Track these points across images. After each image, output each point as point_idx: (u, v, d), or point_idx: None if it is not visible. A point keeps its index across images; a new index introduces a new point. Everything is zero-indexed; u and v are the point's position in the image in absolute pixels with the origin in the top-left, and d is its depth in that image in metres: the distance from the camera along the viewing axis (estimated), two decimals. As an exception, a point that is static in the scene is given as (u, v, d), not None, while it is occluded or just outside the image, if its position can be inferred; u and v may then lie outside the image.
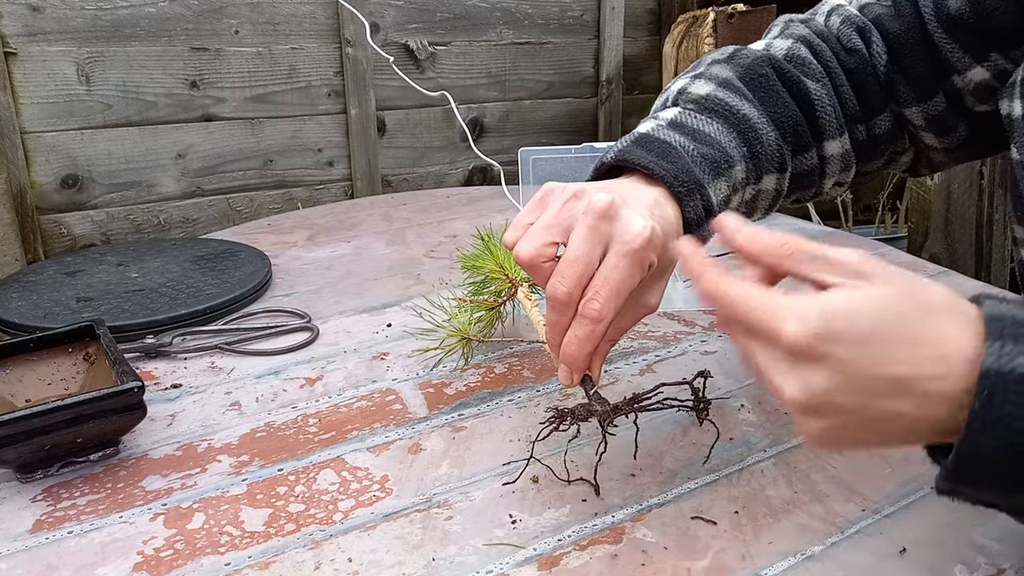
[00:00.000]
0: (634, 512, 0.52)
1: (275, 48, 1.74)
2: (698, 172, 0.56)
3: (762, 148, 0.61)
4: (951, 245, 1.77)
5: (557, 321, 0.50)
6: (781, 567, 0.47)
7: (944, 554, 0.46)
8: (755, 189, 0.62)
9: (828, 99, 0.64)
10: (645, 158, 0.55)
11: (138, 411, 0.59)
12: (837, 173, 0.67)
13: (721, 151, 0.58)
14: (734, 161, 0.59)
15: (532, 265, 0.51)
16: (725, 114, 0.60)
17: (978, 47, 0.63)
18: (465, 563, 0.48)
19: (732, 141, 0.59)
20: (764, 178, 0.62)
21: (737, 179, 0.59)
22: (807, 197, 0.69)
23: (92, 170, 1.62)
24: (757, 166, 0.61)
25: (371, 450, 0.60)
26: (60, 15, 1.53)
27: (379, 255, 1.05)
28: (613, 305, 0.49)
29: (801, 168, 0.65)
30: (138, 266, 0.96)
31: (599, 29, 2.12)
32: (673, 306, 0.85)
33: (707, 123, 0.60)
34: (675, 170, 0.55)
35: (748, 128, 0.60)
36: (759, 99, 0.62)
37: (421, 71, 1.92)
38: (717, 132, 0.59)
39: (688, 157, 0.56)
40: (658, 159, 0.55)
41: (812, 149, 0.64)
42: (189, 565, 0.49)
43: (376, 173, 1.91)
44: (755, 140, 0.60)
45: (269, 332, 0.81)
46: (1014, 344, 0.38)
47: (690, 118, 0.60)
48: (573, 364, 0.51)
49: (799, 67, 0.65)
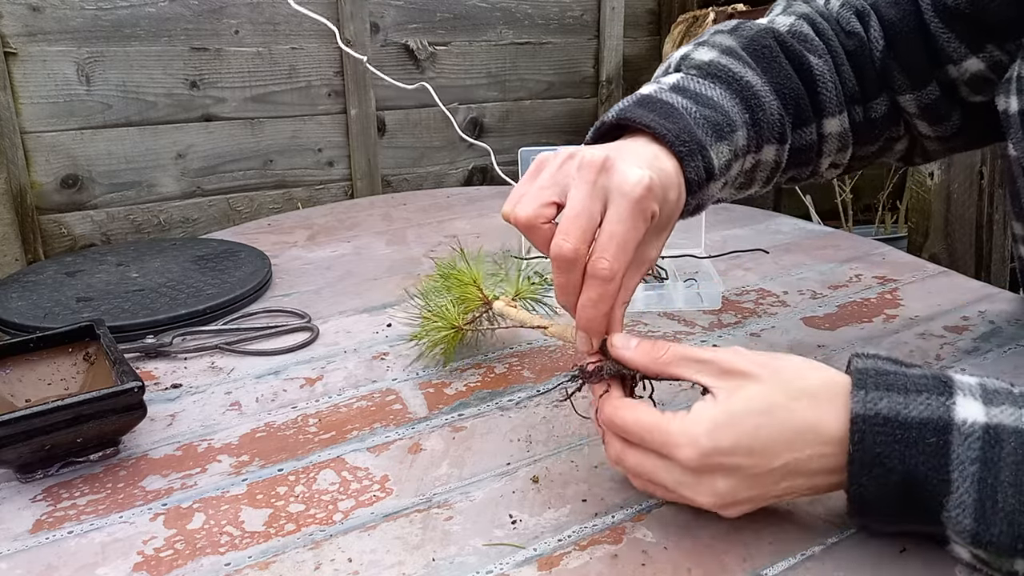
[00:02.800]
0: (634, 512, 0.52)
1: (275, 48, 1.74)
2: (700, 133, 0.55)
3: (764, 116, 0.60)
4: (951, 245, 1.77)
5: (567, 282, 0.49)
6: (781, 567, 0.47)
7: (944, 554, 0.46)
8: (755, 159, 0.61)
9: (830, 75, 0.64)
10: (646, 117, 0.54)
11: (138, 411, 0.59)
12: (834, 152, 0.66)
13: (724, 115, 0.57)
14: (736, 126, 0.57)
15: (530, 227, 0.50)
16: (728, 80, 0.60)
17: (974, 38, 0.63)
18: (465, 563, 0.48)
19: (735, 107, 0.58)
20: (764, 148, 0.61)
21: (739, 145, 0.58)
22: (803, 176, 0.68)
23: (92, 170, 1.62)
24: (758, 134, 0.60)
25: (371, 450, 0.60)
26: (60, 15, 1.53)
27: (379, 255, 1.05)
28: (623, 261, 0.48)
29: (800, 143, 0.64)
30: (138, 266, 0.96)
31: (599, 29, 2.12)
32: (673, 306, 0.85)
33: (710, 88, 0.58)
34: (677, 130, 0.53)
35: (751, 95, 0.59)
36: (762, 69, 0.62)
37: (421, 71, 1.92)
38: (720, 97, 0.58)
39: (691, 118, 0.55)
40: (660, 118, 0.54)
41: (812, 124, 0.64)
42: (189, 565, 0.49)
43: (376, 173, 1.91)
44: (757, 107, 0.59)
45: (269, 332, 0.81)
46: (876, 391, 0.44)
47: (693, 82, 0.59)
48: (591, 328, 0.50)
49: (802, 42, 0.64)
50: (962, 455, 0.42)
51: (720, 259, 0.98)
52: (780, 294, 0.88)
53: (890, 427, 0.43)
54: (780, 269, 0.96)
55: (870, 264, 0.97)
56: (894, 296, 0.87)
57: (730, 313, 0.83)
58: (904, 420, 0.43)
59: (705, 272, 0.90)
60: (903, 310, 0.83)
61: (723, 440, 0.45)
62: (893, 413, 0.44)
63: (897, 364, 0.47)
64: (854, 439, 0.44)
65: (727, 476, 0.45)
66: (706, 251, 0.98)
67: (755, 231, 1.12)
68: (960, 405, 0.43)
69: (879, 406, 0.44)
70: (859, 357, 0.48)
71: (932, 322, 0.80)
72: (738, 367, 0.47)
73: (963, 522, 0.42)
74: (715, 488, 0.46)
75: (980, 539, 0.42)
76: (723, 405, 0.46)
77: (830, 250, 1.03)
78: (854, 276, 0.93)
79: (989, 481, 0.42)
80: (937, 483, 0.43)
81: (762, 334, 0.78)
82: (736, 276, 0.94)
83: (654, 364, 0.49)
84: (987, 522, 0.42)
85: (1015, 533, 0.41)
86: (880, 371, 0.46)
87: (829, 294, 0.88)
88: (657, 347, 0.50)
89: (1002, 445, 0.42)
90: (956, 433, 0.43)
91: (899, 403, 0.44)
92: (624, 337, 0.51)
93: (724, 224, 1.15)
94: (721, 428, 0.45)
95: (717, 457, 0.45)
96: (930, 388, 0.44)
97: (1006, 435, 0.42)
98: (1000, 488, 0.41)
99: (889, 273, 0.94)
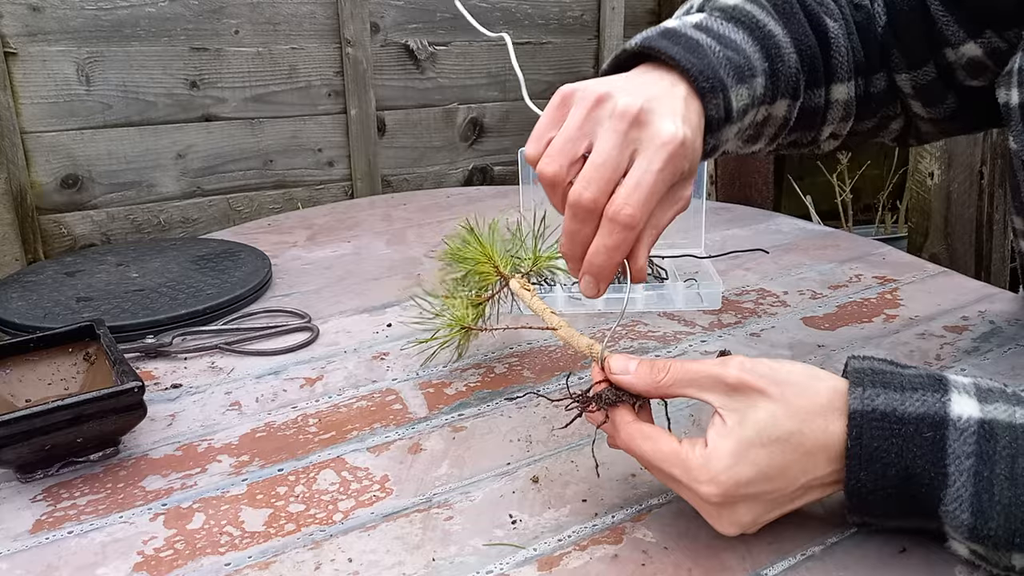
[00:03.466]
0: (634, 512, 0.52)
1: (275, 48, 1.74)
2: (723, 73, 0.53)
3: (783, 67, 0.59)
4: (951, 245, 1.77)
5: (579, 231, 0.48)
6: (781, 567, 0.47)
7: (944, 554, 0.46)
8: (767, 111, 0.60)
9: (843, 40, 0.63)
10: (671, 49, 0.52)
11: (138, 411, 0.59)
12: (837, 121, 0.66)
13: (746, 59, 0.56)
14: (756, 73, 0.56)
15: (554, 184, 0.48)
16: (751, 26, 0.58)
17: (974, 23, 0.63)
18: (465, 563, 0.48)
19: (756, 53, 0.57)
20: (778, 101, 0.60)
21: (757, 92, 0.57)
22: (804, 141, 0.67)
23: (92, 170, 1.62)
24: (775, 84, 0.59)
25: (371, 450, 0.60)
26: (60, 15, 1.53)
27: (379, 255, 1.05)
28: (647, 211, 0.47)
29: (809, 104, 0.63)
30: (138, 266, 0.96)
31: (599, 29, 2.12)
32: (673, 306, 0.85)
33: (733, 31, 0.57)
34: (701, 65, 0.52)
35: (772, 45, 0.58)
36: (783, 22, 0.61)
37: (421, 71, 1.92)
38: (743, 41, 0.57)
39: (714, 57, 0.54)
40: (685, 52, 0.52)
41: (822, 87, 0.63)
42: (189, 565, 0.49)
43: (376, 173, 1.91)
44: (777, 58, 0.58)
45: (269, 332, 0.81)
46: (873, 388, 0.45)
47: (716, 23, 0.57)
48: (600, 274, 0.49)
49: (819, 4, 0.63)
50: (958, 450, 0.43)
51: (720, 259, 0.98)
52: (780, 294, 0.88)
53: (887, 422, 0.44)
54: (780, 269, 0.96)
55: (870, 264, 0.97)
56: (894, 296, 0.87)
57: (730, 313, 0.83)
58: (901, 415, 0.44)
59: (705, 272, 0.90)
60: (903, 310, 0.83)
61: (743, 474, 0.44)
62: (890, 409, 0.44)
63: (893, 364, 0.47)
64: (852, 435, 0.44)
65: (749, 505, 0.46)
66: (706, 251, 0.98)
67: (755, 231, 1.12)
68: (955, 402, 0.44)
69: (876, 402, 0.44)
70: (855, 359, 0.48)
71: (932, 322, 0.80)
72: (744, 382, 0.45)
73: (960, 516, 0.43)
74: (737, 518, 0.46)
75: (977, 533, 0.43)
76: (737, 434, 0.45)
77: (830, 250, 1.03)
78: (854, 276, 0.93)
79: (985, 475, 0.42)
80: (934, 477, 0.43)
81: (762, 334, 0.78)
82: (736, 276, 0.94)
83: (655, 389, 0.48)
84: (984, 516, 0.42)
85: (1012, 527, 0.42)
86: (876, 370, 0.46)
87: (829, 294, 0.88)
88: (656, 369, 0.48)
89: (997, 439, 0.42)
90: (952, 428, 0.43)
91: (896, 399, 0.44)
92: (621, 360, 0.49)
93: (724, 224, 1.15)
94: (740, 463, 0.44)
95: (739, 490, 0.45)
96: (925, 386, 0.45)
97: (1000, 430, 0.43)
98: (996, 482, 0.42)
99: (889, 273, 0.94)
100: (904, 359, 0.71)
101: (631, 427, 0.48)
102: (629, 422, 0.48)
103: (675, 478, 0.46)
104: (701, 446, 0.46)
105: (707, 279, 0.87)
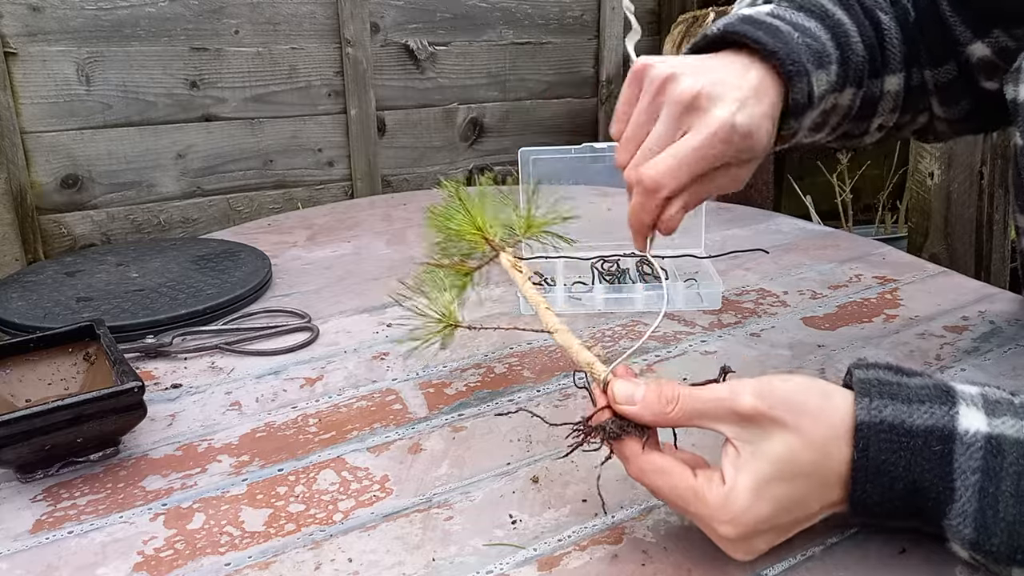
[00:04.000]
0: (635, 512, 0.52)
1: (275, 48, 1.74)
2: (804, 57, 0.54)
3: (853, 55, 0.60)
4: (951, 245, 1.77)
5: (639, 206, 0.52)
6: (781, 567, 0.47)
7: (944, 554, 0.46)
8: (835, 100, 0.61)
9: (896, 32, 0.64)
10: (755, 33, 0.53)
11: (138, 411, 0.59)
12: (887, 112, 0.66)
13: (822, 45, 0.57)
14: (832, 59, 0.57)
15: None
16: (821, 15, 0.59)
17: (981, 22, 0.63)
18: (465, 563, 0.48)
19: (829, 41, 0.58)
20: (846, 89, 0.61)
21: (832, 78, 0.58)
22: (855, 132, 0.68)
23: (92, 170, 1.62)
24: (845, 72, 0.60)
25: (371, 450, 0.60)
26: (60, 15, 1.53)
27: (379, 255, 1.05)
28: (674, 180, 0.49)
29: (869, 93, 0.64)
30: (138, 266, 0.96)
31: (599, 29, 2.13)
32: (673, 306, 0.85)
33: (806, 19, 0.58)
34: (787, 49, 0.53)
35: (842, 32, 0.59)
36: (846, 11, 0.62)
37: (421, 71, 1.92)
38: (816, 28, 0.58)
39: (794, 42, 0.55)
40: (768, 36, 0.54)
41: (880, 77, 0.64)
42: (189, 565, 0.49)
43: (376, 173, 1.91)
44: (847, 46, 0.59)
45: (269, 332, 0.81)
46: (880, 399, 0.44)
47: (788, 12, 0.59)
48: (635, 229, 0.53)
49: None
50: (964, 464, 0.42)
51: (720, 259, 0.98)
52: (780, 294, 0.88)
53: (895, 434, 0.43)
54: (780, 269, 0.96)
55: (870, 264, 0.97)
56: (894, 296, 0.87)
57: (730, 313, 0.83)
58: (909, 428, 0.43)
59: (705, 272, 0.90)
60: (903, 310, 0.83)
61: (763, 512, 0.44)
62: (898, 421, 0.43)
63: (898, 374, 0.46)
64: (859, 447, 0.43)
65: (765, 536, 0.45)
66: (706, 251, 0.98)
67: (755, 231, 1.12)
68: (963, 415, 0.43)
69: (884, 413, 0.43)
70: (860, 368, 0.47)
71: (932, 322, 0.80)
72: (759, 412, 0.44)
73: (963, 531, 0.43)
74: (753, 548, 0.46)
75: (980, 547, 0.42)
76: (753, 468, 0.44)
77: (830, 250, 1.03)
78: (854, 276, 0.93)
79: (991, 491, 0.42)
80: (941, 491, 0.43)
81: (762, 334, 0.78)
82: (736, 276, 0.94)
83: (662, 421, 0.46)
84: (987, 532, 0.42)
85: (1014, 543, 0.41)
86: (883, 381, 0.45)
87: (829, 294, 0.88)
88: (663, 399, 0.46)
89: (1004, 455, 0.42)
90: (959, 443, 0.42)
91: (903, 411, 0.43)
92: (627, 387, 0.47)
93: (724, 224, 1.15)
94: (759, 500, 0.43)
95: (758, 527, 0.44)
96: (932, 398, 0.44)
97: (1008, 446, 0.42)
98: (1001, 498, 0.41)
99: (889, 273, 0.94)
100: (904, 359, 0.71)
101: (641, 460, 0.46)
102: (639, 455, 0.46)
103: (692, 513, 0.45)
104: (718, 482, 0.44)
105: (707, 279, 0.87)
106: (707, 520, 0.45)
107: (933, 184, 1.76)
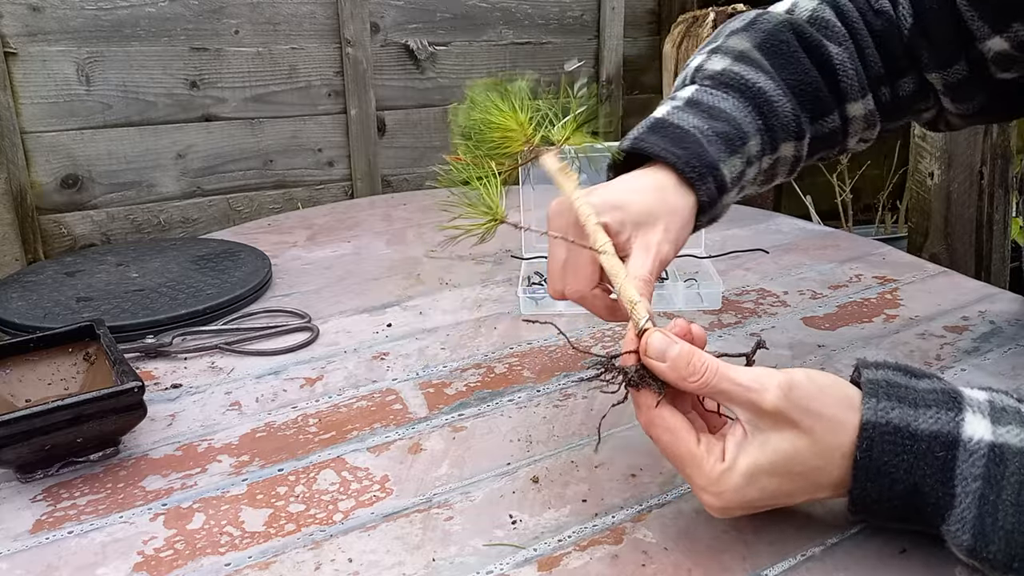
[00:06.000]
0: (634, 512, 0.52)
1: (275, 48, 1.74)
2: (712, 152, 0.57)
3: (777, 120, 0.61)
4: (951, 245, 1.77)
5: None
6: (781, 567, 0.47)
7: (944, 554, 0.46)
8: (772, 158, 0.63)
9: (851, 63, 0.65)
10: (657, 145, 0.57)
11: (138, 411, 0.59)
12: (861, 132, 0.68)
13: (736, 127, 0.59)
14: (748, 136, 0.59)
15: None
16: (740, 88, 0.61)
17: (999, 16, 0.62)
18: (465, 563, 0.48)
19: (747, 116, 0.60)
20: (781, 146, 0.63)
21: (751, 153, 0.60)
22: (831, 155, 0.70)
23: (92, 170, 1.62)
24: (772, 137, 0.62)
25: (371, 450, 0.60)
26: (60, 15, 1.53)
27: (379, 255, 1.05)
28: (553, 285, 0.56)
29: (822, 131, 0.65)
30: (138, 266, 0.96)
31: (599, 29, 2.13)
32: (673, 306, 0.85)
33: (723, 99, 0.60)
34: (687, 156, 0.56)
35: (763, 101, 0.61)
36: (777, 67, 0.63)
37: (421, 71, 1.92)
38: (732, 108, 0.60)
39: (703, 138, 0.57)
40: (670, 145, 0.56)
41: (834, 112, 0.65)
42: (189, 565, 0.49)
43: (376, 173, 1.91)
44: (770, 113, 0.61)
45: (269, 332, 0.81)
46: (888, 400, 0.45)
47: (706, 95, 0.61)
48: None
49: (822, 30, 0.65)
50: (966, 471, 0.42)
51: (720, 259, 0.98)
52: (780, 294, 0.88)
53: (899, 437, 0.43)
54: (780, 269, 0.96)
55: (870, 264, 0.97)
56: (894, 296, 0.87)
57: (730, 313, 0.83)
58: (914, 431, 0.43)
59: (705, 272, 0.90)
60: (903, 310, 0.83)
61: (748, 495, 0.45)
62: (904, 424, 0.43)
63: (907, 375, 0.47)
64: (862, 446, 0.44)
65: (746, 510, 0.47)
66: (706, 251, 0.98)
67: (755, 231, 1.12)
68: (968, 422, 0.43)
69: (890, 415, 0.44)
70: (869, 368, 0.47)
71: (932, 322, 0.80)
72: (779, 410, 0.44)
73: (961, 537, 0.43)
74: (731, 514, 0.48)
75: (977, 554, 0.43)
76: (755, 456, 0.45)
77: (830, 250, 1.03)
78: (854, 276, 0.93)
79: (991, 499, 0.42)
80: (941, 497, 0.43)
81: (762, 334, 0.78)
82: (736, 276, 0.94)
83: (684, 386, 0.46)
84: (985, 539, 0.42)
85: (1012, 552, 0.42)
86: (892, 383, 0.46)
87: (829, 294, 0.88)
88: (692, 366, 0.45)
89: (1006, 464, 0.42)
90: (962, 449, 0.43)
91: (910, 415, 0.44)
92: (661, 342, 0.46)
93: (724, 224, 1.14)
94: (750, 485, 0.45)
95: (740, 506, 0.46)
96: (940, 403, 0.44)
97: (1011, 455, 0.42)
98: (1001, 507, 0.42)
99: (889, 273, 0.94)
100: (904, 359, 0.71)
101: (652, 413, 0.47)
102: (651, 407, 0.47)
103: (685, 474, 0.47)
104: (718, 456, 0.45)
105: (707, 279, 0.87)
106: (697, 485, 0.46)
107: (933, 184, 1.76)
